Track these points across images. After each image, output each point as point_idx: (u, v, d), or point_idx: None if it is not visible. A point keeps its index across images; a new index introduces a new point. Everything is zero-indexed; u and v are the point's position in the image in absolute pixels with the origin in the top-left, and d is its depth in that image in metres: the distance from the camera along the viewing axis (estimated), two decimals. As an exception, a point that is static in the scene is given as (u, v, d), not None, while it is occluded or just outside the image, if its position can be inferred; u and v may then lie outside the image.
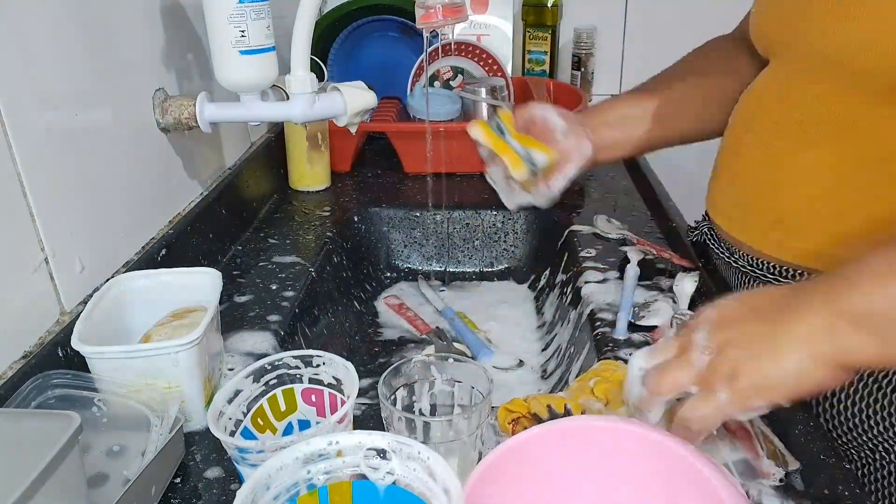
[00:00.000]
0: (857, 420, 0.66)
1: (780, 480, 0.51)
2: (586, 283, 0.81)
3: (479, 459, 0.44)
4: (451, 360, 0.54)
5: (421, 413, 0.55)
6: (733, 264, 0.75)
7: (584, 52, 1.41)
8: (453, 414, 0.54)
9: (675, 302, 0.73)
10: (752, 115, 0.71)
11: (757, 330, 0.46)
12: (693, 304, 0.73)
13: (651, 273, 0.81)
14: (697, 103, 0.80)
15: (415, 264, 1.08)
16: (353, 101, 0.77)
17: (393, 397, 0.53)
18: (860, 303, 0.44)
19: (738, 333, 0.46)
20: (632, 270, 0.78)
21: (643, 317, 0.71)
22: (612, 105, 0.82)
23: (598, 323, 0.73)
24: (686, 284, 0.73)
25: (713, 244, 0.80)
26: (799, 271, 0.67)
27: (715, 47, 0.83)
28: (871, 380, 0.65)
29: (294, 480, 0.40)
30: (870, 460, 0.68)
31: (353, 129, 0.81)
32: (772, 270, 0.69)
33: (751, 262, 0.72)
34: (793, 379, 0.45)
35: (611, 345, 0.69)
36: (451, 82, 1.27)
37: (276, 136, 1.12)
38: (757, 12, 0.72)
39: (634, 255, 0.82)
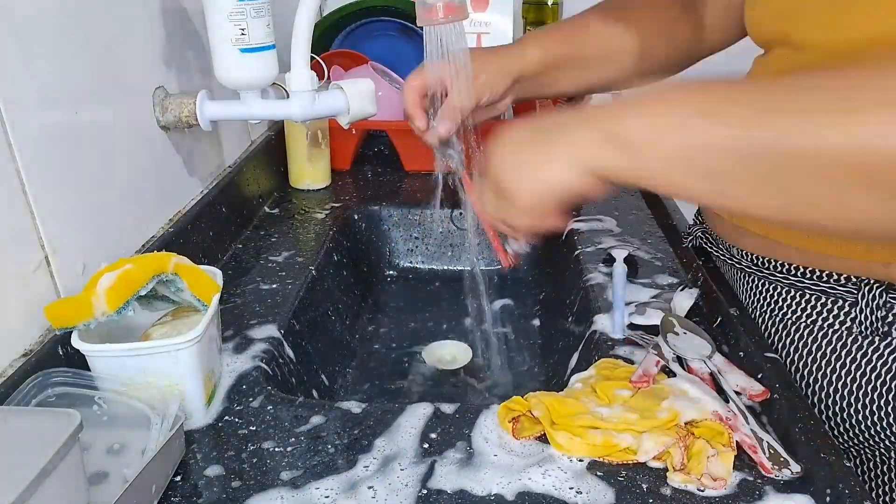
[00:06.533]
0: (859, 416, 0.66)
1: (781, 481, 0.51)
2: (586, 281, 0.81)
3: None
4: None
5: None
6: (736, 264, 0.74)
7: (584, 50, 1.41)
8: None
9: (670, 306, 0.73)
10: None
11: (533, 137, 0.54)
12: (690, 316, 0.71)
13: (650, 272, 0.81)
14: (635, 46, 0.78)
15: (415, 262, 1.08)
16: (355, 99, 0.77)
17: None
18: (624, 127, 0.49)
19: (515, 143, 0.54)
20: (619, 268, 0.77)
21: (640, 315, 0.71)
22: (541, 44, 0.77)
23: (597, 321, 0.73)
24: (683, 301, 0.72)
25: (712, 247, 0.79)
26: (810, 269, 0.66)
27: None
28: (872, 374, 0.64)
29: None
30: (870, 456, 0.68)
31: (344, 123, 0.80)
32: (779, 268, 0.69)
33: (754, 260, 0.71)
34: (555, 180, 0.52)
35: (609, 342, 0.69)
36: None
37: (277, 134, 1.12)
38: (750, 5, 0.69)
39: (619, 253, 0.81)
